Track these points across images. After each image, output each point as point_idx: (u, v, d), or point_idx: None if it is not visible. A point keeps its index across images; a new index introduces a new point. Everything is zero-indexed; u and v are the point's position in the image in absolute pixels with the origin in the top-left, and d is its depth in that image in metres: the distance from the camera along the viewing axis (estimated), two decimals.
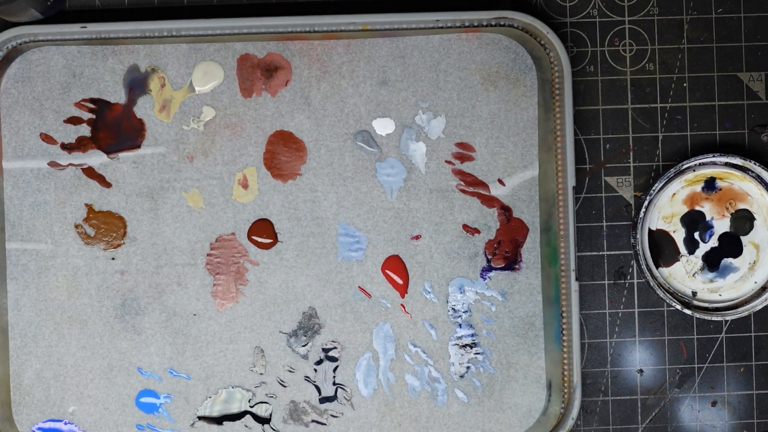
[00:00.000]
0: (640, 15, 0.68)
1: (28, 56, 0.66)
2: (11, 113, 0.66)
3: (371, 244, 0.67)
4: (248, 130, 0.67)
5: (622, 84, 0.68)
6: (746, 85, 0.68)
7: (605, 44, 0.68)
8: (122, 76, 0.66)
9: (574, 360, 0.65)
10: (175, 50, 0.66)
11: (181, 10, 0.67)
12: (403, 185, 0.67)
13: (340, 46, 0.67)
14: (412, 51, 0.67)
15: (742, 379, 0.69)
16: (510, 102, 0.67)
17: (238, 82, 0.67)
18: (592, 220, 0.68)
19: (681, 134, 0.68)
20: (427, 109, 0.67)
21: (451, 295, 0.67)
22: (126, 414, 0.66)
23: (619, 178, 0.68)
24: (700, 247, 0.68)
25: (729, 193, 0.68)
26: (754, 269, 0.68)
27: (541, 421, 0.67)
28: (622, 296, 0.68)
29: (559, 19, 0.68)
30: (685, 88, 0.68)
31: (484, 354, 0.67)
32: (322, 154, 0.67)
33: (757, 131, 0.68)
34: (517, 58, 0.67)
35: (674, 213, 0.68)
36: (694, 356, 0.68)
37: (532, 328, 0.67)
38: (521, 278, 0.67)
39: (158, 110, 0.67)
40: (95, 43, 0.66)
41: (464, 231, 0.67)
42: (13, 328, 0.66)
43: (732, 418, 0.68)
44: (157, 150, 0.67)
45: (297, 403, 0.67)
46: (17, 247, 0.66)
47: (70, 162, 0.66)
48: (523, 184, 0.67)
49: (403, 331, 0.67)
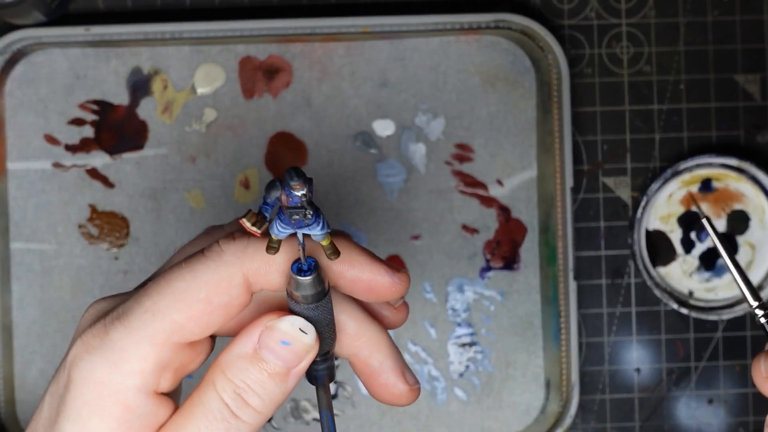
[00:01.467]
0: (638, 18, 0.68)
1: (32, 58, 0.66)
2: (15, 115, 0.66)
3: (371, 244, 0.67)
4: (250, 132, 0.67)
5: (620, 86, 0.68)
6: (742, 87, 0.69)
7: (603, 46, 0.68)
8: (125, 78, 0.67)
9: (572, 359, 0.66)
10: (178, 52, 0.67)
11: (184, 13, 0.67)
12: (402, 186, 0.67)
13: (340, 48, 0.67)
14: (411, 53, 0.67)
15: (738, 377, 0.69)
16: (509, 103, 0.68)
17: (240, 84, 0.67)
18: (589, 221, 0.68)
19: (677, 135, 0.69)
20: (426, 110, 0.67)
21: (451, 295, 0.68)
22: None
23: (617, 179, 0.68)
24: (696, 247, 0.68)
25: (725, 194, 0.68)
26: (750, 269, 0.68)
27: (540, 419, 0.67)
28: (620, 296, 0.68)
29: (557, 21, 0.68)
30: (681, 89, 0.68)
31: (483, 353, 0.68)
32: (323, 155, 0.67)
33: (753, 132, 0.69)
34: (516, 60, 0.67)
35: (671, 213, 0.68)
36: (690, 355, 0.69)
37: (530, 327, 0.68)
38: (520, 278, 0.68)
39: (161, 112, 0.67)
40: (99, 46, 0.66)
41: (463, 231, 0.67)
42: (17, 327, 0.66)
43: (728, 416, 0.69)
44: (159, 151, 0.67)
45: (298, 401, 0.67)
46: (21, 247, 0.66)
47: (73, 163, 0.67)
48: (521, 184, 0.68)
49: (402, 331, 0.67)
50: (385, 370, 0.43)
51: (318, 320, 0.39)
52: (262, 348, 0.39)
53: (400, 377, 0.43)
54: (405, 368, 0.43)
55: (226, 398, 0.39)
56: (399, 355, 0.43)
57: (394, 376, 0.43)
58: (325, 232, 0.37)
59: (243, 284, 0.38)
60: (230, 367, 0.39)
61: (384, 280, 0.40)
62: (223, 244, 0.38)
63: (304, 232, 0.37)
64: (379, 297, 0.41)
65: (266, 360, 0.39)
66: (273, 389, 0.39)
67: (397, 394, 0.43)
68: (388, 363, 0.42)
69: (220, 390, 0.39)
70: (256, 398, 0.39)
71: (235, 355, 0.39)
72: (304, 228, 0.36)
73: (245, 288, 0.39)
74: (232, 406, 0.39)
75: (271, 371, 0.39)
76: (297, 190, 0.35)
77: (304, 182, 0.35)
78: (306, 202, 0.35)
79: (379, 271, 0.40)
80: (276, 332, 0.39)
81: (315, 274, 0.38)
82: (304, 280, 0.38)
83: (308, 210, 0.36)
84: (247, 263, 0.38)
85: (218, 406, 0.39)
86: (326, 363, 0.42)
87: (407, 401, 0.43)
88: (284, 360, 0.39)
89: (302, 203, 0.35)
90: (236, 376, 0.39)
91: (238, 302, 0.39)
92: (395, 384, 0.43)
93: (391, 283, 0.40)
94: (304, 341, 0.39)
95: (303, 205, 0.35)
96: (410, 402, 0.44)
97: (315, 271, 0.38)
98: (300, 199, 0.35)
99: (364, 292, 0.40)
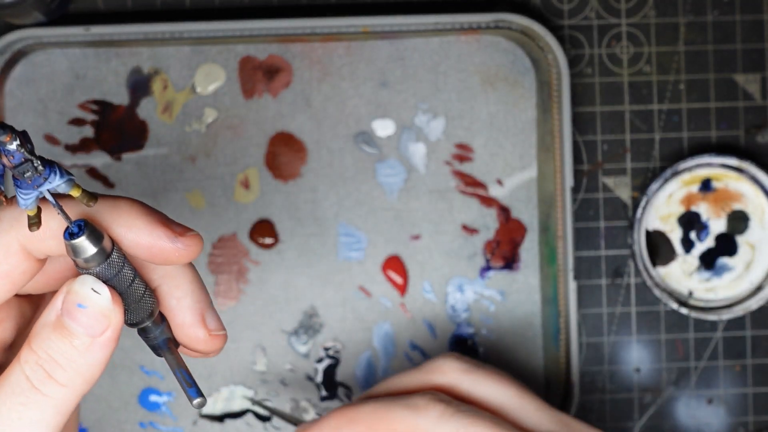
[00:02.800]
0: (637, 17, 0.68)
1: (32, 58, 0.66)
2: (16, 115, 0.66)
3: (371, 244, 0.67)
4: (250, 132, 0.67)
5: (620, 86, 0.68)
6: (742, 86, 0.69)
7: (603, 46, 0.68)
8: (125, 78, 0.67)
9: (572, 359, 0.66)
10: (178, 52, 0.67)
11: (184, 13, 0.67)
12: (402, 186, 0.68)
13: (340, 48, 0.67)
14: (411, 53, 0.67)
15: (737, 377, 0.69)
16: (509, 103, 0.68)
17: (240, 84, 0.67)
18: (589, 221, 0.68)
19: (677, 135, 0.69)
20: (426, 110, 0.67)
21: (451, 295, 0.68)
22: (129, 412, 0.66)
23: (617, 179, 0.69)
24: (696, 247, 0.68)
25: (724, 194, 0.68)
26: (750, 269, 0.68)
27: None
28: (620, 296, 0.69)
29: (557, 21, 0.68)
30: (681, 89, 0.69)
31: (483, 353, 0.68)
32: (323, 155, 0.67)
33: (753, 132, 0.69)
34: (516, 60, 0.68)
35: (671, 213, 0.68)
36: (690, 355, 0.69)
37: (530, 327, 0.68)
38: (520, 278, 0.68)
39: (161, 112, 0.67)
40: (98, 46, 0.66)
41: (463, 231, 0.68)
42: None
43: (728, 416, 0.69)
44: (159, 151, 0.67)
45: (298, 401, 0.67)
46: None
47: (73, 163, 0.67)
48: (521, 184, 0.68)
49: (402, 330, 0.67)
50: (182, 308, 0.39)
51: (115, 282, 0.37)
52: (65, 315, 0.36)
53: (198, 319, 0.39)
54: (208, 310, 0.40)
55: (27, 370, 0.36)
56: (204, 295, 0.40)
57: (191, 316, 0.39)
58: (67, 179, 0.35)
59: (21, 251, 0.37)
60: (35, 337, 0.37)
61: (165, 244, 0.37)
62: (1, 213, 0.37)
63: (45, 188, 0.35)
64: (166, 261, 0.38)
65: (68, 328, 0.36)
66: (78, 360, 0.36)
67: (194, 338, 0.39)
68: (187, 301, 0.39)
69: (23, 361, 0.36)
70: (59, 370, 0.36)
71: (41, 324, 0.37)
72: (44, 185, 0.35)
73: (25, 255, 0.37)
74: (33, 378, 0.36)
75: (72, 340, 0.36)
76: (8, 142, 0.33)
77: (13, 132, 0.33)
78: (27, 152, 0.34)
79: (160, 235, 0.37)
80: (72, 294, 0.36)
81: (86, 234, 0.35)
82: (76, 243, 0.36)
83: (35, 161, 0.34)
84: (22, 230, 0.37)
85: (19, 379, 0.36)
86: (159, 327, 0.39)
87: (206, 348, 0.40)
88: (85, 327, 0.36)
89: (24, 156, 0.34)
90: (39, 346, 0.36)
91: (20, 269, 0.37)
92: (192, 326, 0.39)
93: (174, 248, 0.37)
94: (99, 302, 0.36)
95: (26, 158, 0.34)
96: (212, 350, 0.40)
97: (85, 231, 0.36)
98: (19, 152, 0.33)
99: (149, 257, 0.37)
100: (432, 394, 0.54)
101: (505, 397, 0.55)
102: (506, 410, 0.54)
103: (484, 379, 0.55)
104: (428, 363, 0.56)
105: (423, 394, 0.53)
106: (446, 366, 0.56)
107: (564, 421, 0.55)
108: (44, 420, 0.36)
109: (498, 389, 0.55)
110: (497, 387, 0.55)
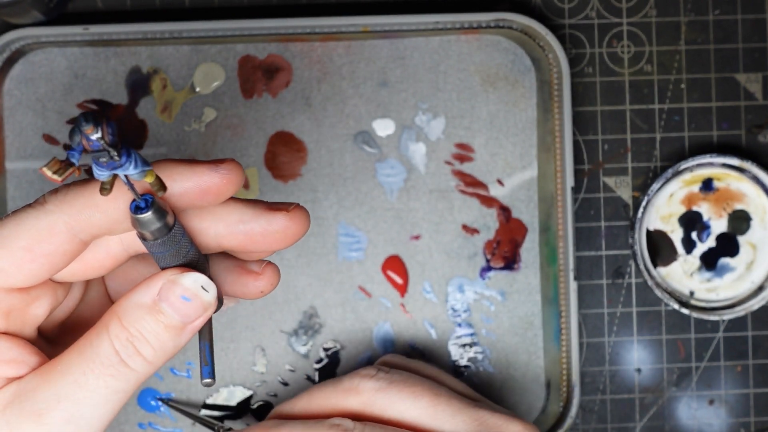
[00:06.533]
0: (638, 17, 0.68)
1: (31, 58, 0.66)
2: (14, 114, 0.66)
3: (371, 244, 0.67)
4: (249, 131, 0.67)
5: (621, 85, 0.68)
6: (743, 86, 0.69)
7: (603, 46, 0.68)
8: (124, 78, 0.67)
9: (572, 359, 0.66)
10: (177, 52, 0.67)
11: (183, 12, 0.67)
12: (402, 186, 0.67)
13: (340, 47, 0.67)
14: (411, 52, 0.67)
15: (739, 378, 0.69)
16: (509, 103, 0.68)
17: (239, 84, 0.67)
18: (590, 221, 0.68)
19: (678, 135, 0.69)
20: (426, 110, 0.67)
21: (451, 295, 0.68)
22: (128, 412, 0.66)
23: (618, 179, 0.68)
24: (697, 247, 0.68)
25: (726, 194, 0.68)
26: (751, 269, 0.68)
27: (540, 419, 0.67)
28: (621, 296, 0.68)
29: (558, 20, 0.68)
30: (682, 89, 0.68)
31: (483, 353, 0.68)
32: (323, 154, 0.67)
33: (754, 132, 0.69)
34: (516, 60, 0.67)
35: (672, 213, 0.68)
36: (691, 355, 0.69)
37: (531, 327, 0.68)
38: (520, 278, 0.68)
39: (160, 111, 0.67)
40: (97, 45, 0.66)
41: (464, 231, 0.67)
42: None
43: (729, 416, 0.69)
44: (159, 150, 0.67)
45: None
46: None
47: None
48: (522, 184, 0.68)
49: (402, 331, 0.67)
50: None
51: (173, 253, 0.40)
52: (162, 300, 0.39)
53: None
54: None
55: (117, 345, 0.39)
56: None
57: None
58: (141, 170, 0.37)
59: (66, 232, 0.39)
60: (126, 315, 0.39)
61: (208, 178, 0.39)
62: (47, 195, 0.39)
63: (118, 172, 0.37)
64: (217, 197, 0.40)
65: (164, 312, 0.39)
66: (167, 341, 0.39)
67: (247, 273, 0.45)
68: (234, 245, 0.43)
69: (113, 336, 0.39)
70: (149, 348, 0.39)
71: (133, 304, 0.39)
72: (118, 169, 0.37)
73: (70, 236, 0.39)
74: (123, 353, 0.39)
75: (167, 323, 0.39)
76: (91, 133, 0.35)
77: (96, 125, 0.35)
78: (106, 144, 0.35)
79: (203, 170, 0.39)
80: (178, 287, 0.39)
81: (153, 209, 0.38)
82: (143, 217, 0.38)
83: (112, 152, 0.36)
84: (67, 210, 0.39)
85: (108, 352, 0.39)
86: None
87: (258, 283, 0.45)
88: (182, 314, 0.39)
89: (103, 146, 0.35)
90: (131, 324, 0.39)
91: (62, 250, 0.39)
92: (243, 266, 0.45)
93: (219, 176, 0.40)
94: (205, 299, 0.40)
95: (104, 148, 0.36)
96: (265, 284, 0.45)
97: (152, 206, 0.38)
98: (98, 142, 0.35)
99: (200, 196, 0.40)
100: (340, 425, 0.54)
101: (419, 410, 0.55)
102: (421, 423, 0.55)
103: (397, 394, 0.55)
104: (345, 381, 0.56)
105: (331, 426, 0.53)
106: (361, 386, 0.56)
107: (480, 419, 0.55)
108: (126, 390, 0.40)
109: (411, 403, 0.55)
110: (410, 401, 0.55)
